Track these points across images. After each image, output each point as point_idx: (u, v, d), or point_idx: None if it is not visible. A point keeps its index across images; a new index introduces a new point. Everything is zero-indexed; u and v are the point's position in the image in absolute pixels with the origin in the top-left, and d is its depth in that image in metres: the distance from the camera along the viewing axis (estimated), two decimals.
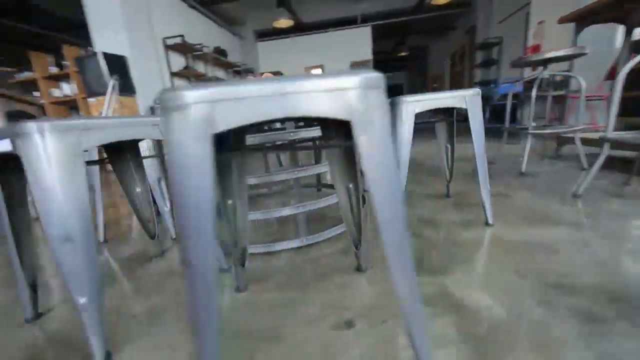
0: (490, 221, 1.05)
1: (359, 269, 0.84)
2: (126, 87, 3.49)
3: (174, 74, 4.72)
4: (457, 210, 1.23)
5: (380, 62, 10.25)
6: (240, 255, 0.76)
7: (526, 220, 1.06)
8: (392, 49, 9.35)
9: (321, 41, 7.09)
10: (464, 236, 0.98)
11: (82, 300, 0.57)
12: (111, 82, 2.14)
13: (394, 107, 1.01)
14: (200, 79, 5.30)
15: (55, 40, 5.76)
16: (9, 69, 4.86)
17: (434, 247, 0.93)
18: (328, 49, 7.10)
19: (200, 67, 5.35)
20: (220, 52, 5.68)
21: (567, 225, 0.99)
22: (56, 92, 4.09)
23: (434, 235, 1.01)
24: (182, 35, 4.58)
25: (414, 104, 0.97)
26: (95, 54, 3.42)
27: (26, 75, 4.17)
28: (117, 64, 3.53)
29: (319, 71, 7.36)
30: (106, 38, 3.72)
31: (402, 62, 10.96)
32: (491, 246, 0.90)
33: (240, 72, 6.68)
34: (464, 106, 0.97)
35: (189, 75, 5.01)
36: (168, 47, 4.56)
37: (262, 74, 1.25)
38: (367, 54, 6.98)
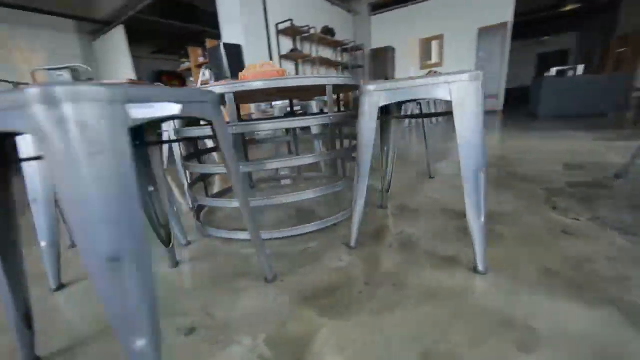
0: (480, 268, 0.72)
1: (266, 278, 0.77)
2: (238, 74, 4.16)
3: (282, 57, 5.20)
4: (467, 240, 0.90)
5: (529, 23, 7.87)
6: (165, 236, 0.85)
7: (552, 279, 0.67)
8: (553, 4, 6.92)
9: (442, 6, 6.05)
10: (426, 281, 0.72)
11: (43, 244, 0.80)
12: (206, 72, 2.60)
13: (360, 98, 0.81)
14: (305, 60, 5.63)
15: (205, 35, 7.34)
16: (183, 60, 6.58)
17: (378, 283, 0.74)
18: (450, 15, 6.01)
19: (307, 48, 5.65)
20: (327, 31, 5.79)
21: (620, 310, 0.56)
22: (201, 77, 5.30)
23: (393, 269, 0.79)
24: (291, 20, 4.92)
25: (378, 95, 0.75)
26: (219, 45, 4.17)
27: (186, 64, 5.59)
28: (234, 53, 4.19)
29: (436, 43, 6.41)
30: (229, 29, 4.46)
31: (569, 20, 7.97)
32: (441, 307, 0.63)
33: (348, 49, 6.64)
34: (447, 97, 0.67)
35: (296, 58, 5.40)
36: (280, 32, 5.02)
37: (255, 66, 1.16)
38: (504, 15, 5.49)
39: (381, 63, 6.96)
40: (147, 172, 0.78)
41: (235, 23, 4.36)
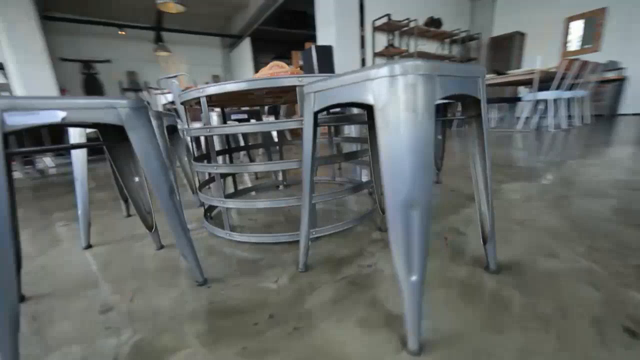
0: (410, 345, 0.50)
1: (197, 281, 0.78)
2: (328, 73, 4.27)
3: (376, 54, 5.03)
4: (466, 306, 0.64)
5: None
6: (150, 222, 0.98)
7: None
8: None
9: None
10: (334, 337, 0.56)
11: (79, 211, 1.06)
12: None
13: None
14: (402, 56, 5.26)
15: (307, 38, 7.84)
16: (288, 64, 7.28)
17: (282, 320, 0.63)
18: None
19: (406, 43, 5.25)
20: (432, 22, 5.21)
21: None
22: None
23: (315, 309, 0.66)
24: (388, 15, 4.69)
25: (313, 97, 0.63)
26: (311, 47, 4.41)
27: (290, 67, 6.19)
28: (325, 54, 4.35)
29: (593, 20, 4.77)
30: (323, 31, 4.63)
31: None
32: None
33: (459, 40, 5.78)
34: (370, 100, 0.49)
35: (391, 54, 5.12)
36: (375, 29, 4.87)
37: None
38: None
39: (503, 53, 5.76)
40: (132, 165, 0.91)
41: (329, 24, 4.50)
